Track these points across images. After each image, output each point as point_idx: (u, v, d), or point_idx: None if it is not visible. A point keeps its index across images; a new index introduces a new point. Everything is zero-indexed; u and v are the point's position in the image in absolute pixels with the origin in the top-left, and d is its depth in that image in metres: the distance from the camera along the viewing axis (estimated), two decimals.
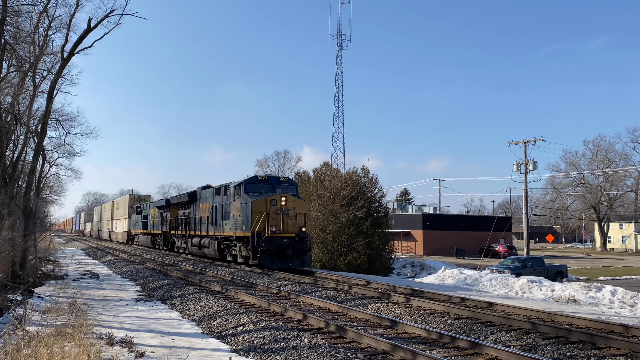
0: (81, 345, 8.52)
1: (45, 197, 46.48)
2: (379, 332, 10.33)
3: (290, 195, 22.16)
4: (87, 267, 29.57)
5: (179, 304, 14.85)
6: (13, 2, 18.37)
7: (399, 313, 12.49)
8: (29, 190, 21.55)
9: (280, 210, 21.31)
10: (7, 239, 16.97)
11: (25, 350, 8.13)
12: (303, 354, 8.54)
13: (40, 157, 23.76)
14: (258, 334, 10.14)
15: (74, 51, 20.28)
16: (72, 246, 58.88)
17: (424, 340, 9.60)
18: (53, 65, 23.87)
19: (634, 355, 8.46)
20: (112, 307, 14.82)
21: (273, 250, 20.93)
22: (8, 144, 22.36)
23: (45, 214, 48.19)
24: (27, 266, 19.79)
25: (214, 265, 25.94)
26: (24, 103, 23.93)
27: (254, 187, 22.73)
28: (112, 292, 18.32)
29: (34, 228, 22.92)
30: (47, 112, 21.07)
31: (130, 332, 10.88)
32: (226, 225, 24.41)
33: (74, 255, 41.66)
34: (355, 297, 14.81)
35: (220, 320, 11.97)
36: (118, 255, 36.82)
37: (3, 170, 20.46)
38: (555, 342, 9.38)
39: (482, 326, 10.76)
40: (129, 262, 29.82)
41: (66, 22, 21.28)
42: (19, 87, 21.71)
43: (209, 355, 9.15)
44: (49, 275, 22.78)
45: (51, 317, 11.80)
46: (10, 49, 19.73)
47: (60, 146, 32.35)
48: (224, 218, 24.72)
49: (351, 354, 8.44)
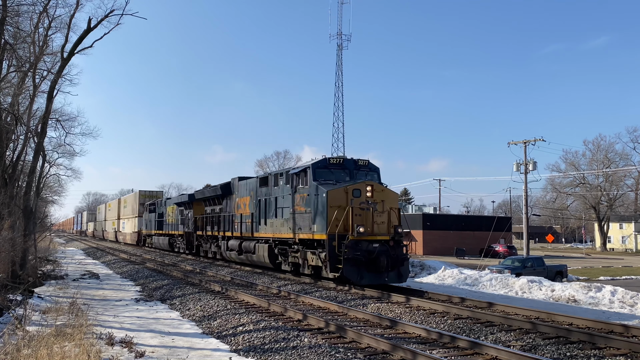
0: (81, 345, 8.52)
1: (45, 197, 46.49)
2: (379, 332, 10.33)
3: (377, 183, 17.20)
4: (87, 267, 29.56)
5: (179, 304, 14.85)
6: (13, 2, 18.38)
7: (399, 313, 12.49)
8: (29, 190, 21.56)
9: (367, 204, 16.23)
10: (7, 239, 16.97)
11: (25, 350, 8.13)
12: (303, 354, 8.54)
13: (40, 157, 23.76)
14: (258, 334, 10.14)
15: (74, 51, 20.30)
16: (72, 246, 58.87)
17: (424, 340, 9.60)
18: (53, 65, 23.89)
19: (634, 355, 8.47)
20: (112, 307, 14.82)
21: (360, 259, 15.64)
22: (8, 144, 22.37)
23: (45, 214, 48.12)
24: (27, 266, 19.79)
25: (214, 265, 25.92)
26: (24, 103, 23.92)
27: (325, 173, 17.58)
28: (112, 292, 18.32)
29: (34, 228, 22.93)
30: (47, 112, 21.08)
31: (130, 332, 10.88)
32: (280, 224, 19.46)
33: (74, 255, 41.65)
34: (355, 297, 14.81)
35: (220, 320, 11.97)
36: (118, 255, 36.82)
37: (3, 170, 20.46)
38: (555, 342, 9.38)
39: (482, 326, 10.76)
40: (129, 262, 29.83)
41: (66, 22, 21.32)
42: (19, 87, 21.71)
43: (209, 355, 9.15)
44: (49, 275, 22.77)
45: (51, 317, 11.79)
46: (10, 49, 19.73)
47: (60, 146, 32.40)
48: (278, 215, 19.72)
49: (351, 354, 8.44)
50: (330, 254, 15.95)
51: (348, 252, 15.54)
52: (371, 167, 18.53)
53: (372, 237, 16.03)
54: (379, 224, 16.39)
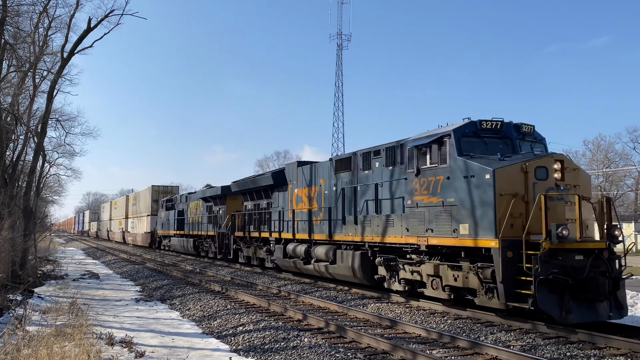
0: (81, 345, 8.52)
1: (45, 197, 46.53)
2: (379, 332, 10.33)
3: (568, 159, 11.38)
4: (87, 267, 29.56)
5: (179, 303, 14.86)
6: (13, 2, 18.39)
7: (399, 313, 12.49)
8: (29, 190, 21.58)
9: (556, 191, 10.50)
10: (7, 239, 16.98)
11: (25, 350, 8.13)
12: (303, 354, 8.54)
13: (40, 157, 23.78)
14: (258, 334, 10.14)
15: (74, 51, 20.33)
16: (72, 246, 58.88)
17: (424, 340, 9.60)
18: (53, 65, 23.93)
19: (634, 355, 8.47)
20: (112, 307, 14.83)
21: (564, 282, 9.75)
22: (8, 144, 22.38)
23: (45, 214, 48.16)
24: (27, 266, 19.79)
25: (214, 265, 25.92)
26: (24, 103, 23.95)
27: (476, 144, 11.85)
28: (112, 292, 18.32)
29: (34, 228, 22.93)
30: (47, 112, 21.11)
31: (130, 332, 10.88)
32: (383, 223, 13.94)
33: (74, 255, 41.65)
34: (355, 297, 14.81)
35: (220, 320, 11.98)
36: (118, 255, 36.83)
37: (3, 170, 20.47)
38: (555, 342, 9.38)
39: (482, 326, 10.76)
40: (129, 262, 29.84)
41: (66, 22, 21.36)
42: (19, 87, 21.73)
43: (209, 355, 9.15)
44: (49, 275, 22.77)
45: (51, 317, 11.79)
46: (10, 49, 19.74)
47: (60, 146, 32.47)
48: (379, 209, 14.27)
49: (351, 353, 8.45)
50: (506, 272, 10.10)
51: (542, 270, 9.65)
52: (537, 136, 12.62)
53: (580, 244, 10.12)
54: (574, 222, 10.28)
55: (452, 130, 11.82)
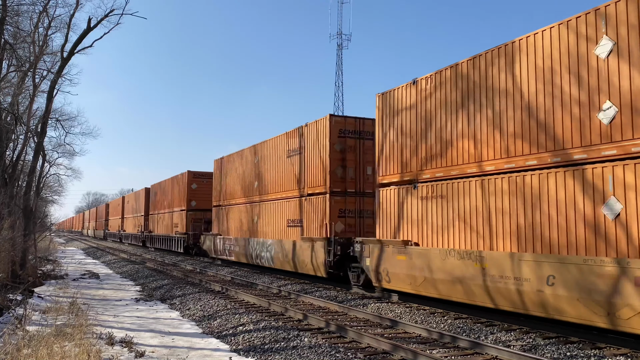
0: (81, 345, 8.52)
1: (45, 197, 46.48)
2: (379, 332, 10.33)
3: None
4: (87, 266, 29.56)
5: (179, 303, 14.86)
6: (13, 2, 18.39)
7: (399, 313, 12.48)
8: (29, 190, 21.56)
9: None
10: (7, 238, 16.96)
11: (25, 350, 8.12)
12: (303, 354, 8.53)
13: (40, 157, 23.77)
14: (258, 334, 10.14)
15: (73, 51, 20.34)
16: (72, 246, 58.88)
17: (425, 340, 9.60)
18: (53, 65, 23.95)
19: (634, 355, 8.46)
20: (112, 307, 14.82)
21: None
22: (8, 144, 22.35)
23: (45, 213, 48.11)
24: (27, 266, 19.78)
25: (214, 265, 25.92)
26: (23, 103, 23.93)
27: None
28: (112, 292, 18.31)
29: (34, 228, 22.92)
30: (47, 112, 21.11)
31: (130, 331, 10.87)
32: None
33: (74, 255, 41.65)
34: (355, 297, 14.80)
35: (220, 320, 11.98)
36: (118, 255, 36.82)
37: (3, 170, 20.45)
38: (555, 342, 9.38)
39: (482, 326, 10.75)
40: (129, 262, 29.84)
41: (66, 22, 21.37)
42: (19, 87, 21.71)
43: (209, 355, 9.15)
44: (49, 275, 22.76)
45: (51, 317, 11.79)
46: (10, 48, 19.72)
47: (60, 146, 32.49)
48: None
49: (351, 353, 8.44)
50: None
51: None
52: None
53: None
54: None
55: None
